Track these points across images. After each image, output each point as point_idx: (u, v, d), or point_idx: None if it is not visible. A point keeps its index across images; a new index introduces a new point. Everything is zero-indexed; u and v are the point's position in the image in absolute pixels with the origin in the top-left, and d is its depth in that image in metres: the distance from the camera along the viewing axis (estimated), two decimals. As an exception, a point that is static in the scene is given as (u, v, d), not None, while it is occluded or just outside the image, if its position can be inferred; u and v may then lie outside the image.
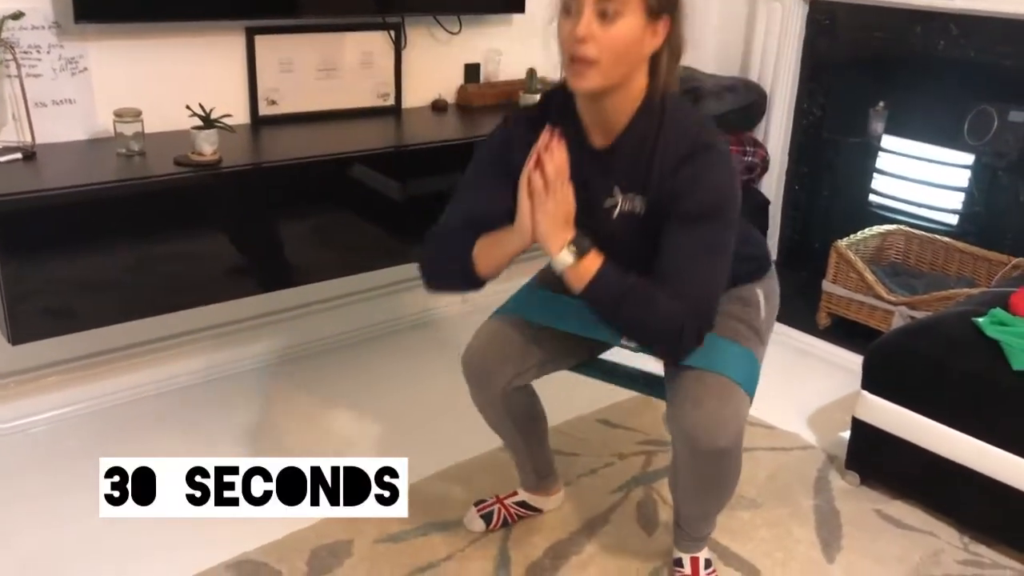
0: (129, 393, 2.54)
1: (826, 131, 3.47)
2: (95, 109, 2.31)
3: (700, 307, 1.49)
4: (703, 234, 1.50)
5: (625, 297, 1.48)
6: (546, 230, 1.49)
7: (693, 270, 1.49)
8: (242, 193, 2.24)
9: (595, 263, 1.50)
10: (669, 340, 1.50)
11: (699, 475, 1.70)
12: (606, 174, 1.59)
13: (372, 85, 2.78)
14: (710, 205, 1.49)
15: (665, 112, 1.53)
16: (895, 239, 3.21)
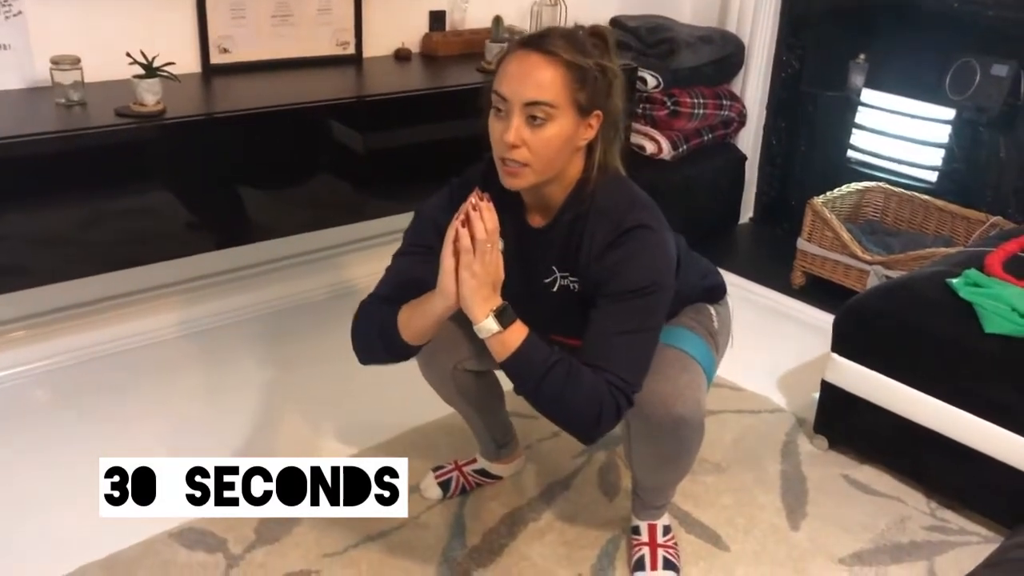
0: (84, 352, 2.45)
1: (805, 84, 3.38)
2: (32, 56, 2.18)
3: (623, 386, 1.42)
4: (630, 313, 1.44)
5: (548, 372, 1.40)
6: (471, 294, 1.40)
7: (618, 349, 1.44)
8: (188, 146, 2.13)
9: (519, 334, 1.42)
10: (588, 419, 1.42)
11: (655, 446, 1.64)
12: (544, 253, 1.56)
13: (331, 32, 2.66)
14: (638, 285, 1.44)
15: (596, 194, 1.49)
16: (873, 196, 3.14)
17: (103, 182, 2.04)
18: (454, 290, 1.41)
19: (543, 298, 1.57)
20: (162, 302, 2.60)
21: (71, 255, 2.04)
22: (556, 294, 1.56)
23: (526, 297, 1.53)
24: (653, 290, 1.44)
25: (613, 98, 1.46)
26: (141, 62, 2.05)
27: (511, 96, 1.39)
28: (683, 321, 1.71)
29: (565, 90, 1.39)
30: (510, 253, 1.53)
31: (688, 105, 3.15)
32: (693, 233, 3.23)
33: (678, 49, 3.11)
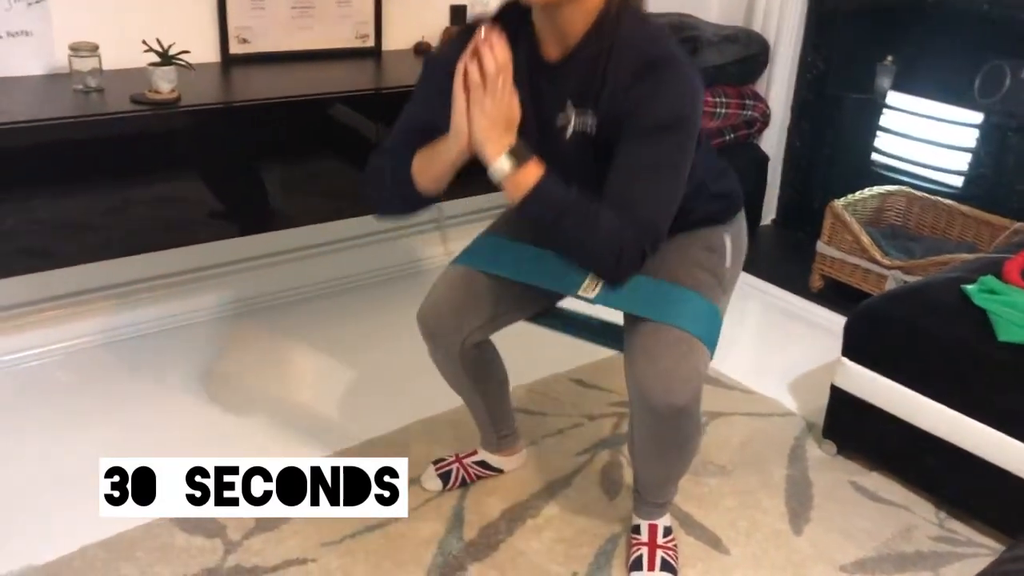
0: (100, 336, 2.48)
1: (830, 86, 3.33)
2: (53, 43, 2.21)
3: (645, 227, 1.39)
4: (655, 150, 1.40)
5: (565, 212, 1.39)
6: (483, 132, 1.38)
7: (641, 187, 1.40)
8: (203, 133, 2.15)
9: (535, 173, 1.40)
10: (608, 261, 1.42)
11: (655, 435, 1.61)
12: (559, 88, 1.48)
13: (351, 25, 2.67)
14: (664, 120, 1.39)
15: (621, 25, 1.43)
16: (895, 200, 3.08)
17: (119, 167, 2.07)
18: (467, 130, 1.40)
19: (555, 146, 1.50)
20: (176, 289, 2.62)
21: (88, 239, 2.07)
22: (570, 143, 1.50)
23: (538, 143, 1.48)
24: (680, 126, 1.40)
25: None
26: (157, 50, 2.07)
27: None
28: (691, 274, 1.61)
29: None
30: (522, 91, 1.47)
31: (710, 104, 3.12)
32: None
33: (702, 48, 3.08)
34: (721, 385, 2.47)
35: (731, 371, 2.53)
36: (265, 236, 2.59)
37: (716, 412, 2.33)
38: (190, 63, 2.15)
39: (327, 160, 2.41)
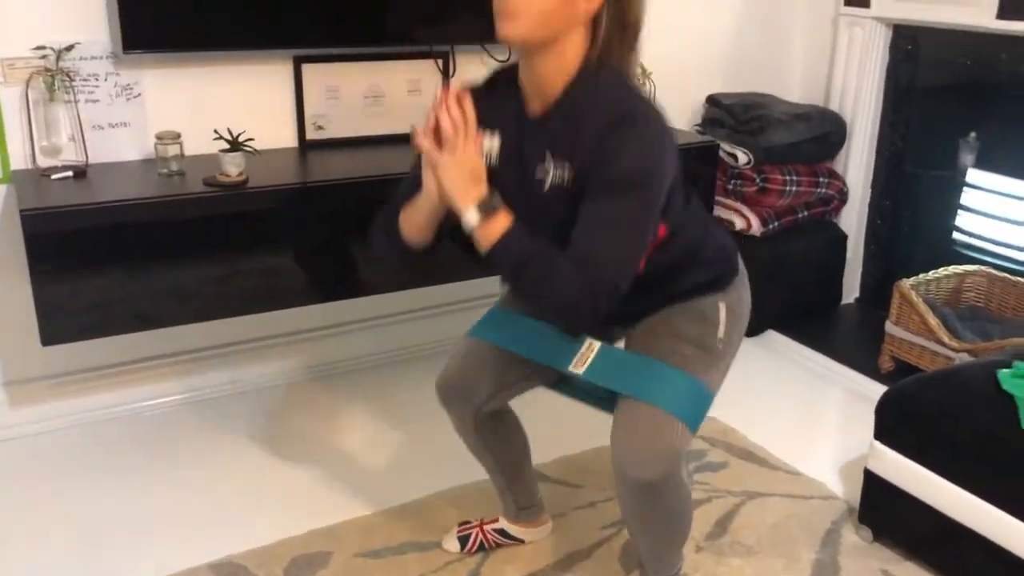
0: (164, 402, 2.72)
1: (908, 163, 3.27)
2: (147, 132, 2.49)
3: (602, 280, 1.42)
4: (617, 204, 1.44)
5: (527, 263, 1.45)
6: (451, 186, 1.48)
7: (601, 241, 1.44)
8: (269, 211, 2.36)
9: (502, 224, 1.47)
10: (565, 312, 1.46)
11: (635, 509, 1.65)
12: (539, 141, 1.56)
13: (420, 111, 2.84)
14: (628, 175, 1.43)
15: (598, 81, 1.50)
16: (975, 280, 2.98)
17: (198, 242, 2.29)
18: (433, 187, 1.51)
19: (536, 200, 1.56)
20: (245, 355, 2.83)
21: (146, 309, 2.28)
22: (548, 194, 1.54)
23: (521, 196, 1.55)
24: (646, 182, 1.44)
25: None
26: (226, 138, 2.31)
27: None
28: (676, 350, 1.63)
29: None
30: (507, 148, 1.57)
31: (779, 182, 3.13)
32: (788, 310, 3.24)
33: (768, 126, 3.10)
34: (766, 465, 2.44)
35: (780, 451, 2.50)
36: (335, 305, 2.78)
37: (753, 492, 2.31)
38: (256, 149, 2.38)
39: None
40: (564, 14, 1.45)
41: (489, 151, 1.60)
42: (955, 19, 2.88)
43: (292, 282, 2.44)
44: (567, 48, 1.49)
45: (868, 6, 3.15)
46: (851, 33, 3.24)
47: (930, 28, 3.03)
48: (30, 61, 2.29)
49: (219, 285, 2.35)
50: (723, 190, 3.22)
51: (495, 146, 1.60)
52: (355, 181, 2.44)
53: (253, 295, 2.40)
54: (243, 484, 2.34)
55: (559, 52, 1.48)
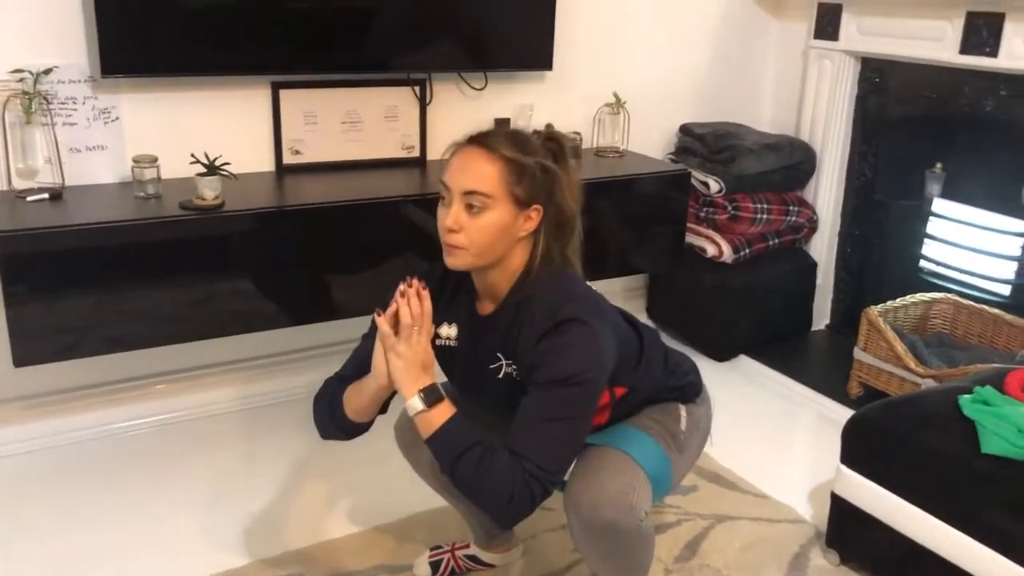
0: (137, 424, 2.72)
1: (878, 193, 3.34)
2: (125, 155, 2.51)
3: (535, 474, 1.46)
4: (553, 403, 1.49)
5: (463, 455, 1.47)
6: (399, 374, 1.52)
7: (536, 437, 1.48)
8: (244, 235, 2.37)
9: (443, 415, 1.50)
10: (498, 504, 1.48)
11: (592, 546, 1.66)
12: (491, 340, 1.63)
13: (397, 137, 2.89)
14: (564, 375, 1.49)
15: (539, 285, 1.58)
16: (942, 308, 3.04)
17: (160, 265, 2.30)
18: (383, 370, 1.54)
19: (491, 384, 1.65)
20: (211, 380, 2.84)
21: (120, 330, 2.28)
22: (502, 381, 1.63)
23: (477, 383, 1.63)
24: (580, 381, 1.49)
25: (557, 196, 1.56)
26: (203, 162, 2.33)
27: (452, 185, 1.52)
28: (641, 422, 1.73)
29: (502, 183, 1.50)
30: (463, 339, 1.65)
31: (750, 210, 3.18)
32: (759, 336, 3.29)
33: (739, 155, 3.16)
34: (736, 489, 2.47)
35: (749, 475, 2.53)
36: (310, 328, 2.79)
37: (723, 516, 2.33)
38: (233, 173, 2.40)
39: (360, 259, 2.59)
40: (504, 241, 1.55)
41: (448, 337, 1.68)
42: (920, 53, 2.96)
43: (267, 305, 2.45)
44: (511, 261, 1.59)
45: (837, 39, 3.23)
46: (820, 65, 3.32)
47: (896, 62, 3.11)
48: (7, 84, 2.30)
49: (194, 308, 2.36)
50: (695, 217, 3.27)
51: (453, 334, 1.68)
52: (331, 205, 2.47)
53: (228, 318, 2.41)
54: (216, 506, 2.34)
55: (504, 265, 1.59)
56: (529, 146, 1.55)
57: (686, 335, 3.39)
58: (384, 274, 2.62)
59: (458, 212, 1.51)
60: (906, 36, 2.99)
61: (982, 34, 2.76)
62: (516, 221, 1.54)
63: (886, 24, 3.06)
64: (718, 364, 3.27)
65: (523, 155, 1.53)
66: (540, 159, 1.55)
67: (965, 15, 2.79)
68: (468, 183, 1.50)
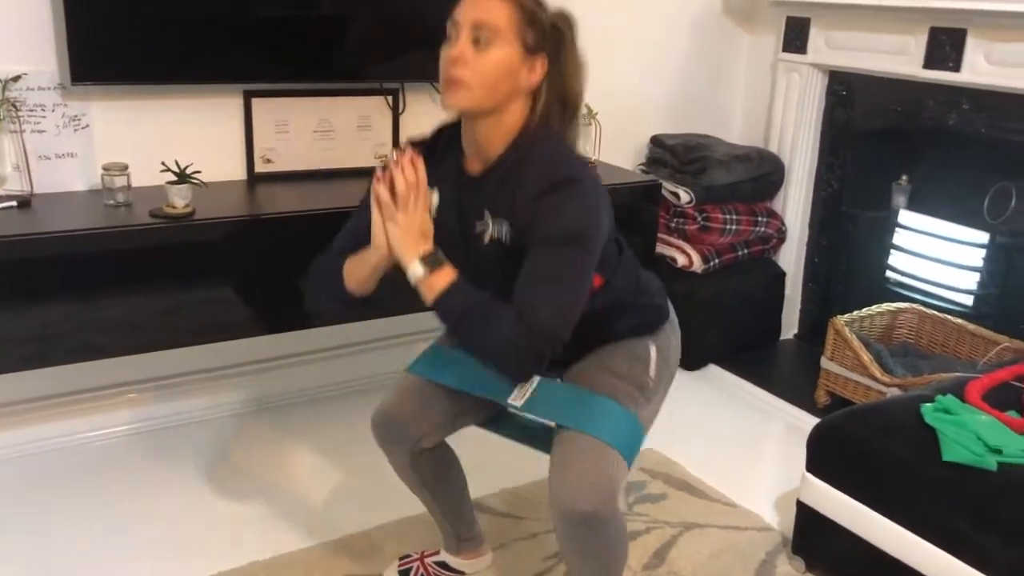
0: (105, 433, 2.70)
1: (845, 204, 3.39)
2: (95, 163, 2.49)
3: (542, 331, 1.48)
4: (556, 260, 1.52)
5: (469, 314, 1.51)
6: (398, 242, 1.54)
7: (541, 294, 1.50)
8: (215, 243, 2.37)
9: (446, 277, 1.54)
10: (505, 360, 1.52)
11: (573, 541, 1.66)
12: (477, 200, 1.64)
13: (370, 146, 2.90)
14: (566, 231, 1.51)
15: (535, 146, 1.59)
16: (907, 318, 3.09)
17: (144, 273, 2.29)
18: (383, 241, 1.56)
19: (476, 252, 1.64)
20: (192, 387, 2.83)
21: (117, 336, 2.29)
22: (488, 249, 1.62)
23: (462, 249, 1.62)
24: (578, 239, 1.52)
25: (563, 60, 1.60)
26: (173, 170, 2.33)
27: (462, 18, 1.54)
28: (609, 384, 1.70)
29: (512, 22, 1.53)
30: (447, 200, 1.65)
31: (719, 221, 3.22)
32: (728, 345, 3.32)
33: (710, 167, 3.20)
34: (704, 497, 2.49)
35: (718, 483, 2.55)
36: (280, 338, 2.79)
37: (691, 524, 2.36)
38: (204, 181, 2.40)
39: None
40: (507, 85, 1.56)
41: (430, 205, 1.66)
42: (885, 67, 3.01)
43: (238, 314, 2.44)
44: (508, 115, 1.59)
45: (805, 52, 3.28)
46: (789, 78, 3.37)
47: (863, 75, 3.16)
48: (-24, 91, 2.29)
49: (164, 316, 2.35)
50: (666, 228, 3.30)
51: (435, 201, 1.68)
52: (302, 214, 2.47)
53: (198, 327, 2.40)
54: (184, 517, 2.33)
55: (500, 119, 1.59)
56: (542, 4, 1.59)
57: (657, 344, 3.42)
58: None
59: (464, 45, 1.52)
60: (872, 50, 3.04)
61: (945, 49, 2.81)
62: (521, 68, 1.55)
63: (853, 38, 3.11)
64: (688, 373, 3.30)
65: (536, 5, 1.57)
66: (552, 16, 1.59)
67: (928, 30, 2.85)
68: (479, 14, 1.52)
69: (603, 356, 1.75)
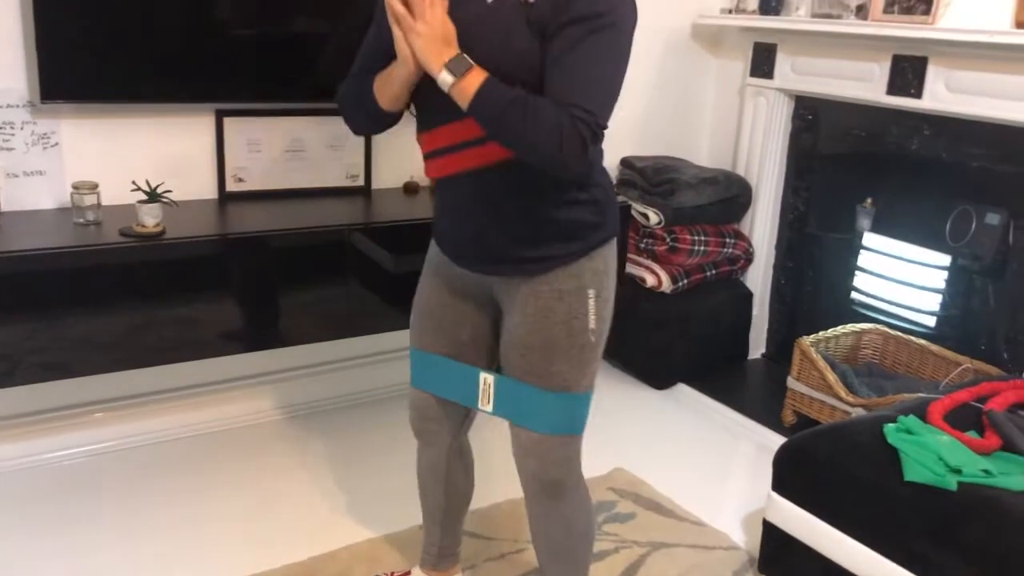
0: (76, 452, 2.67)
1: (811, 226, 3.45)
2: (64, 181, 2.49)
3: (584, 118, 1.46)
4: (595, 45, 1.49)
5: (508, 108, 1.47)
6: (423, 52, 1.51)
7: (581, 80, 1.48)
8: (184, 263, 2.37)
9: (477, 78, 1.49)
10: (550, 150, 1.47)
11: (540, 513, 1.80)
12: None
13: (342, 166, 2.91)
14: (598, 15, 1.48)
15: None
16: (872, 338, 3.14)
17: (115, 291, 2.29)
18: (408, 54, 1.53)
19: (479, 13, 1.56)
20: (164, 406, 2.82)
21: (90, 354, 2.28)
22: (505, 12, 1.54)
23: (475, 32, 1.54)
24: (612, 22, 1.49)
25: None
26: (144, 189, 2.32)
27: None
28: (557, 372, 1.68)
29: None
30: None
31: (688, 242, 3.26)
32: (697, 365, 3.36)
33: (679, 189, 3.24)
34: (673, 516, 2.51)
35: (686, 503, 2.58)
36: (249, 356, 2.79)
37: (659, 543, 2.38)
38: (175, 200, 2.39)
39: (303, 287, 2.60)
40: None
41: None
42: (849, 93, 3.07)
43: (208, 333, 2.44)
44: None
45: (772, 78, 3.34)
46: (756, 102, 3.43)
47: (828, 100, 3.23)
48: (-56, 108, 2.28)
49: (134, 335, 2.34)
50: (635, 248, 3.34)
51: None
52: (273, 233, 2.47)
53: (169, 345, 2.40)
54: (156, 537, 2.30)
55: None
56: None
57: (626, 363, 3.45)
58: (327, 303, 2.63)
59: None
60: (837, 76, 3.11)
61: (907, 76, 2.88)
62: None
63: (818, 64, 3.18)
64: (657, 392, 3.33)
65: None
66: None
67: (891, 58, 2.92)
68: None
69: (542, 331, 1.68)
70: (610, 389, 3.29)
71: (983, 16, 2.67)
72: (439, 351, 1.82)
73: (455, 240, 1.75)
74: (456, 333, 1.81)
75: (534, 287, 1.68)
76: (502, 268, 1.71)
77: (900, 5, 2.85)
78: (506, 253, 1.69)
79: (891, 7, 2.87)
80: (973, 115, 2.73)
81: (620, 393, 3.30)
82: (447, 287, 1.81)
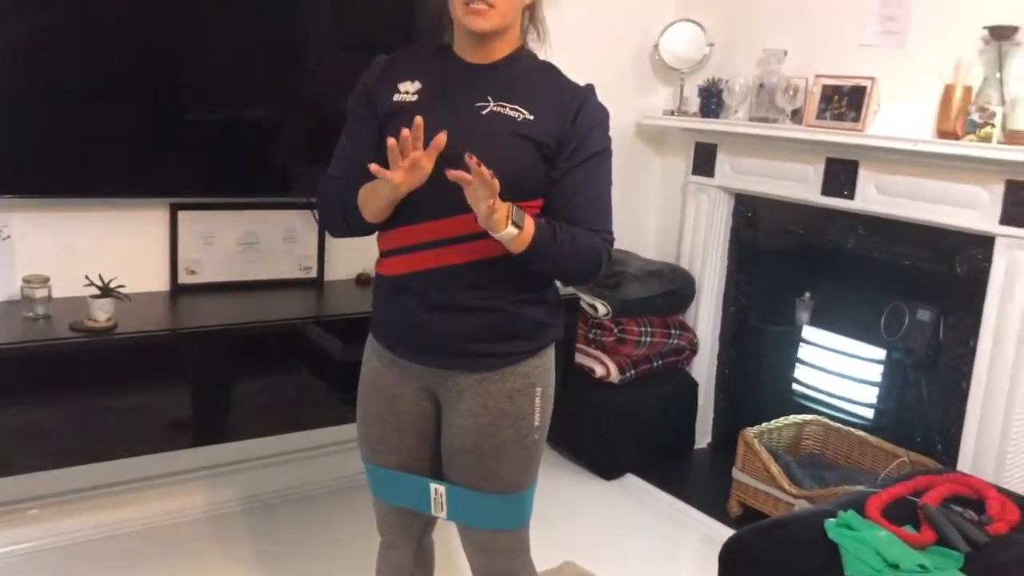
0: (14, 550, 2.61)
1: (753, 318, 3.55)
2: (15, 273, 2.48)
3: (608, 239, 1.70)
4: (599, 175, 1.71)
5: (560, 245, 1.62)
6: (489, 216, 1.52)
7: (601, 208, 1.71)
8: (135, 359, 2.37)
9: (529, 231, 1.58)
10: (593, 272, 1.71)
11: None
12: (476, 85, 1.68)
13: (295, 259, 2.95)
14: (602, 149, 1.71)
15: (536, 59, 1.75)
16: (813, 429, 3.22)
17: (50, 388, 2.27)
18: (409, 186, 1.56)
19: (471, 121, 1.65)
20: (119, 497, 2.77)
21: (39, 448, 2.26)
22: (486, 118, 1.66)
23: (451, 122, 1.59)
24: (609, 152, 1.73)
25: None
26: (97, 284, 2.33)
27: None
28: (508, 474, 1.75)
29: None
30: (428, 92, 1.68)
31: (635, 333, 3.34)
32: (644, 454, 3.40)
33: (625, 281, 3.34)
34: (621, 611, 2.52)
35: (634, 597, 2.59)
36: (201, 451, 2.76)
37: (608, 638, 2.38)
38: (127, 294, 2.40)
39: (255, 380, 2.60)
40: (518, 5, 1.69)
41: (407, 92, 1.69)
42: (786, 193, 3.22)
43: (159, 427, 2.43)
44: (513, 32, 1.71)
45: (712, 176, 3.48)
46: (698, 199, 3.56)
47: (767, 198, 3.36)
48: None
49: (80, 429, 2.32)
50: (584, 338, 3.40)
51: (412, 89, 1.70)
52: (225, 328, 2.49)
53: (118, 440, 2.38)
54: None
55: (509, 35, 1.70)
56: None
57: (576, 453, 3.48)
58: (280, 396, 2.64)
59: None
60: (774, 176, 3.26)
61: (840, 179, 3.03)
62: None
63: (756, 164, 3.32)
64: (605, 483, 3.36)
65: None
66: None
67: (825, 160, 3.07)
68: None
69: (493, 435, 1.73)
70: (559, 480, 3.31)
71: (909, 124, 2.83)
72: (388, 464, 1.83)
73: (402, 334, 1.77)
74: (401, 441, 1.81)
75: (484, 384, 1.72)
76: (455, 362, 1.73)
77: (832, 112, 3.02)
78: (461, 348, 1.72)
79: (823, 113, 3.04)
80: (902, 216, 2.87)
81: (569, 483, 3.32)
82: (386, 392, 1.80)
